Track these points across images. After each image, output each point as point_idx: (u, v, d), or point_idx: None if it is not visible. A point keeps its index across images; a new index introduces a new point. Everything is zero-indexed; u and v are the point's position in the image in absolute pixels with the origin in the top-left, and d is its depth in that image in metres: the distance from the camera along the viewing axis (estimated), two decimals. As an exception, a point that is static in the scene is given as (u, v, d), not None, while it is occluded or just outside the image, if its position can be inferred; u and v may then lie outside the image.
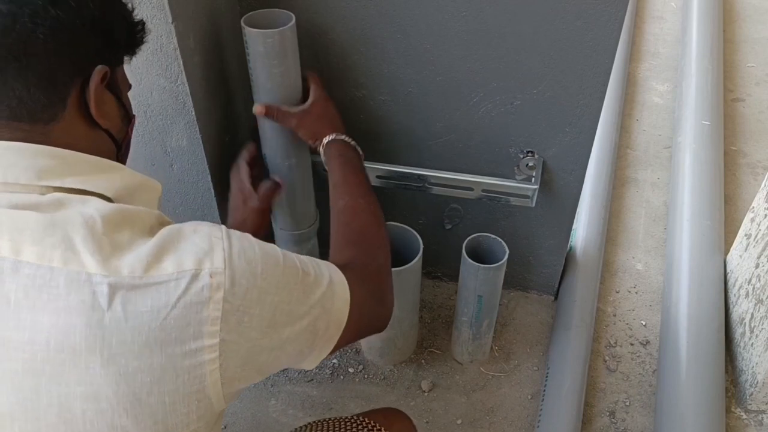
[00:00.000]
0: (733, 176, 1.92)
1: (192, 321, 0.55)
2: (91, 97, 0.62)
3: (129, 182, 0.64)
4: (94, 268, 0.53)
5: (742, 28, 2.64)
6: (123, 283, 0.54)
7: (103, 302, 0.53)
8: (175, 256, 0.57)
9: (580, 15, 1.02)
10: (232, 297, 0.57)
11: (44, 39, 0.57)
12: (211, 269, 0.57)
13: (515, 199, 1.25)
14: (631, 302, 1.55)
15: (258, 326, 0.60)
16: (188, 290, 0.55)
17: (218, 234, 0.60)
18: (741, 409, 1.32)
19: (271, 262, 0.62)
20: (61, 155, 0.59)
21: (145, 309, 0.54)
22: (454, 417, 1.31)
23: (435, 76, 1.16)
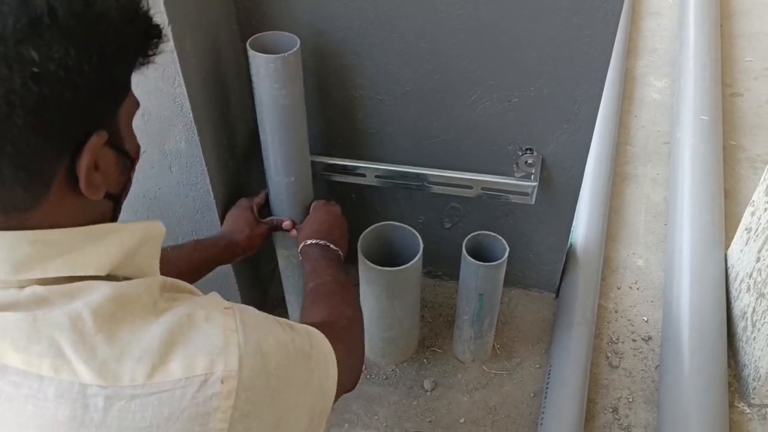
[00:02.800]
0: (732, 171, 1.92)
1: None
2: (82, 176, 0.50)
3: (127, 245, 0.55)
4: (89, 378, 0.47)
5: (740, 22, 2.64)
6: (122, 393, 0.47)
7: (96, 417, 0.47)
8: (184, 355, 0.50)
9: (576, 11, 1.02)
10: (243, 403, 0.51)
11: (23, 124, 0.45)
12: (223, 373, 0.50)
13: (514, 197, 1.25)
14: (633, 298, 1.55)
15: (266, 428, 0.54)
16: (194, 399, 0.49)
17: (232, 325, 0.53)
18: (744, 403, 1.32)
19: (282, 353, 0.56)
20: (41, 238, 0.49)
21: (144, 423, 0.48)
22: (457, 416, 1.31)
23: (432, 75, 1.16)
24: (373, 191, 1.36)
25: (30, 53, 0.44)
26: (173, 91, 1.02)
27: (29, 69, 0.44)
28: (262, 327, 0.56)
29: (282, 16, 1.13)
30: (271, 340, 0.56)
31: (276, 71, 1.03)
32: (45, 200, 0.50)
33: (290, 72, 1.05)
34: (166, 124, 1.08)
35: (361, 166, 1.26)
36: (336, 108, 1.23)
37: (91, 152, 0.50)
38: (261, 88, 1.06)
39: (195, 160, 1.13)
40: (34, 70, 0.44)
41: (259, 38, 1.06)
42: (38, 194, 0.49)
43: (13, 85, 0.44)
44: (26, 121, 0.45)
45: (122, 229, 0.55)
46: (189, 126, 1.07)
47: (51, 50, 0.45)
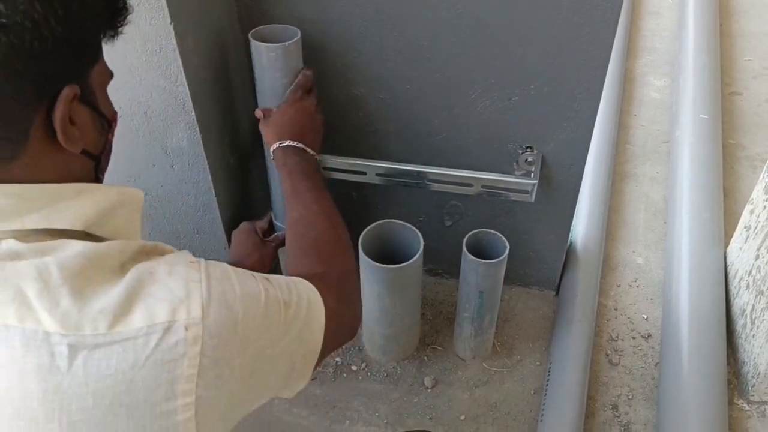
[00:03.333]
0: (731, 169, 1.92)
1: (163, 381, 0.50)
2: (58, 126, 0.53)
3: (102, 204, 0.57)
4: (51, 326, 0.48)
5: (739, 22, 2.64)
6: (85, 342, 0.48)
7: (62, 365, 0.48)
8: (145, 306, 0.51)
9: (576, 10, 1.02)
10: (210, 350, 0.52)
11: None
12: (186, 320, 0.51)
13: (515, 195, 1.25)
14: (632, 296, 1.55)
15: (239, 377, 0.56)
16: (159, 347, 0.50)
17: (196, 276, 0.55)
18: (743, 400, 1.33)
19: (252, 304, 0.57)
20: (18, 192, 0.52)
21: (110, 371, 0.48)
22: (458, 413, 1.31)
23: (432, 73, 1.16)
24: (374, 189, 1.37)
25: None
26: (175, 89, 1.03)
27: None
28: (230, 279, 0.57)
29: (283, 14, 1.13)
30: (238, 290, 0.57)
31: (277, 60, 1.05)
32: (24, 152, 0.52)
33: (291, 61, 1.07)
34: (168, 122, 1.08)
35: (362, 164, 1.27)
36: (336, 106, 1.23)
37: (65, 103, 0.53)
38: (263, 79, 1.08)
39: (197, 158, 1.13)
40: (2, 21, 0.47)
41: (261, 30, 1.08)
42: (17, 144, 0.52)
43: None
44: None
45: (98, 189, 0.57)
46: (191, 124, 1.08)
47: (16, 2, 0.48)
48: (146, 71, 1.01)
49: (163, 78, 1.02)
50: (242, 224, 1.19)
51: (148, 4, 0.93)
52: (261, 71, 1.08)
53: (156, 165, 1.16)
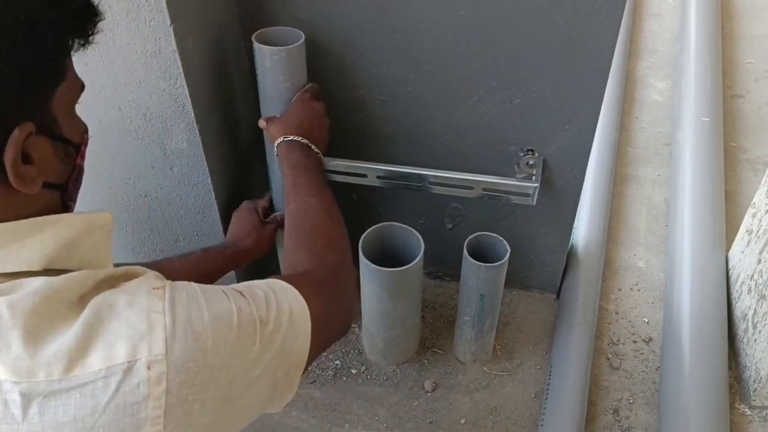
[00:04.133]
0: (733, 172, 1.92)
1: (126, 426, 0.47)
2: (8, 169, 0.48)
3: (65, 237, 0.52)
4: (2, 373, 0.45)
5: (741, 24, 2.64)
6: (38, 389, 0.45)
7: (17, 413, 0.45)
8: (104, 345, 0.47)
9: (578, 12, 1.02)
10: (177, 388, 0.49)
11: None
12: (148, 358, 0.48)
13: (516, 198, 1.25)
14: (633, 300, 1.55)
15: (212, 410, 0.52)
16: (120, 390, 0.47)
17: (159, 305, 0.50)
18: (745, 405, 1.32)
19: (223, 327, 0.53)
20: None
21: (68, 418, 0.46)
22: (458, 417, 1.31)
23: (434, 76, 1.16)
24: (374, 192, 1.36)
25: None
26: (175, 91, 1.03)
27: None
28: (197, 304, 0.53)
29: (284, 16, 1.13)
30: (206, 316, 0.52)
31: (280, 63, 1.05)
32: None
33: (295, 64, 1.07)
34: (167, 123, 1.08)
35: (362, 167, 1.26)
36: (337, 108, 1.23)
37: (15, 146, 0.48)
38: (265, 82, 1.08)
39: (196, 160, 1.13)
40: None
41: (264, 33, 1.07)
42: None
43: None
44: None
45: (59, 221, 0.53)
46: (191, 126, 1.07)
47: None
48: (146, 73, 1.01)
49: (163, 80, 1.01)
50: (243, 203, 1.19)
51: (147, 5, 0.92)
52: (264, 74, 1.07)
53: (155, 167, 1.16)
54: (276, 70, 1.05)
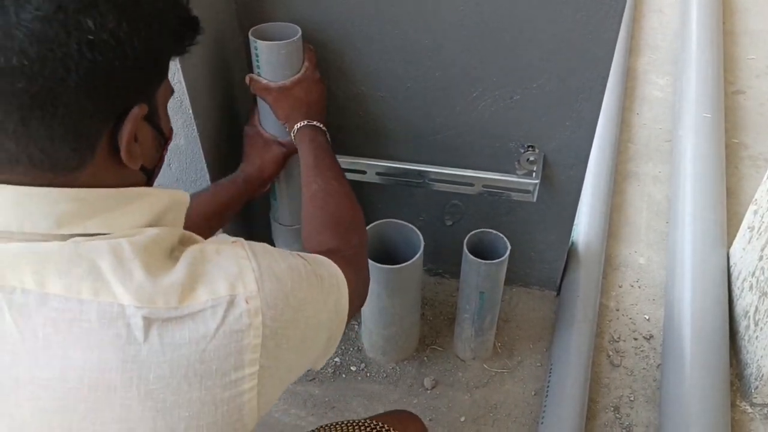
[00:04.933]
0: (734, 169, 1.91)
1: (233, 351, 0.53)
2: (123, 144, 0.55)
3: (157, 208, 0.59)
4: (126, 299, 0.50)
5: (742, 20, 2.63)
6: (159, 315, 0.51)
7: (139, 335, 0.50)
8: (206, 283, 0.54)
9: (579, 8, 1.01)
10: (270, 321, 0.55)
11: (76, 86, 0.49)
12: (245, 294, 0.54)
13: (516, 194, 1.24)
14: (634, 297, 1.54)
15: (294, 346, 0.58)
16: (226, 318, 0.53)
17: (243, 253, 0.57)
18: (746, 402, 1.32)
19: (296, 276, 0.60)
20: (82, 196, 0.53)
21: (184, 341, 0.51)
22: (458, 414, 1.30)
23: (434, 72, 1.15)
24: (374, 188, 1.36)
25: (87, 22, 0.49)
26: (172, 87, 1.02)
27: (85, 36, 0.49)
28: (272, 254, 0.60)
29: (282, 11, 1.12)
30: (282, 265, 0.59)
31: (279, 58, 1.03)
32: (90, 163, 0.54)
33: (292, 59, 1.05)
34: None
35: (362, 163, 1.26)
36: (337, 105, 1.22)
37: (133, 122, 0.55)
38: (264, 75, 1.06)
39: (195, 156, 1.12)
40: (89, 38, 0.49)
41: (261, 28, 1.06)
42: (84, 156, 0.53)
43: (69, 50, 0.48)
44: (78, 84, 0.49)
45: (152, 194, 0.59)
46: (188, 122, 1.07)
47: (105, 21, 0.50)
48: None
49: (161, 75, 1.00)
50: (245, 129, 1.16)
51: (144, 0, 0.91)
52: (261, 69, 1.06)
53: (153, 163, 1.15)
54: (274, 65, 1.04)
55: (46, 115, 0.49)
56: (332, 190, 0.93)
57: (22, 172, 0.51)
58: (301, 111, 1.05)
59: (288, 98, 1.05)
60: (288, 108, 1.05)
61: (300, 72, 1.06)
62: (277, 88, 1.04)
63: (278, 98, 1.05)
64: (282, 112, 1.06)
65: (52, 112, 0.49)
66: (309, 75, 1.06)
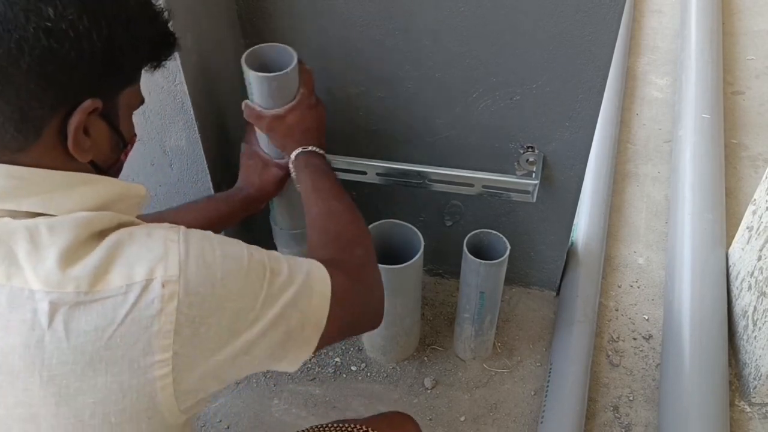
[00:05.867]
0: (734, 169, 1.91)
1: (141, 337, 0.52)
2: (70, 133, 0.55)
3: (103, 196, 0.59)
4: (36, 284, 0.51)
5: (742, 20, 2.63)
6: (66, 300, 0.51)
7: (43, 321, 0.50)
8: (124, 266, 0.53)
9: (578, 8, 1.02)
10: (186, 307, 0.54)
11: (28, 69, 0.51)
12: (163, 277, 0.53)
13: (516, 195, 1.25)
14: (634, 297, 1.55)
15: (216, 337, 0.57)
16: (137, 304, 0.52)
17: (174, 236, 0.56)
18: (745, 402, 1.32)
19: (233, 266, 0.58)
20: (21, 174, 0.54)
21: (89, 328, 0.51)
22: (458, 414, 1.31)
23: (434, 73, 1.15)
24: (374, 189, 1.36)
25: (47, 9, 0.50)
26: (174, 88, 1.02)
27: (43, 23, 0.50)
28: (209, 241, 0.59)
29: (283, 12, 1.12)
30: (218, 252, 0.58)
31: (273, 89, 0.99)
32: (34, 146, 0.55)
33: (287, 88, 1.01)
34: (166, 121, 1.08)
35: (362, 164, 1.26)
36: (336, 105, 1.22)
37: (81, 114, 0.55)
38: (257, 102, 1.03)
39: (196, 157, 1.13)
40: (47, 25, 0.50)
41: (255, 51, 1.02)
42: (28, 138, 0.54)
43: (26, 33, 0.50)
44: (30, 68, 0.51)
45: (101, 181, 0.59)
46: (190, 123, 1.07)
47: (66, 11, 0.51)
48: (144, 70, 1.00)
49: (162, 76, 1.01)
50: (243, 144, 1.13)
51: (146, 2, 0.92)
52: (253, 96, 1.02)
53: (154, 164, 1.15)
54: (265, 95, 1.00)
55: None
56: (332, 210, 0.91)
57: None
58: (294, 138, 1.02)
59: (281, 127, 1.02)
60: (282, 137, 1.03)
61: (295, 99, 1.01)
62: (270, 116, 1.01)
63: (272, 127, 1.02)
64: (276, 140, 1.04)
65: (1, 89, 0.51)
66: (304, 102, 1.02)
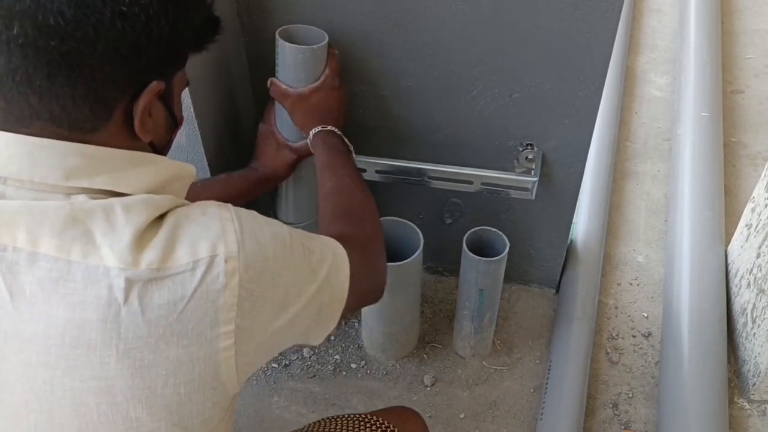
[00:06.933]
0: (732, 167, 1.92)
1: (209, 310, 0.55)
2: (137, 114, 0.59)
3: (163, 175, 0.62)
4: (112, 261, 0.53)
5: (741, 19, 2.63)
6: (140, 276, 0.53)
7: (119, 296, 0.52)
8: (188, 243, 0.56)
9: (577, 6, 1.02)
10: (247, 282, 0.57)
11: (103, 52, 0.53)
12: (225, 254, 0.56)
13: (515, 192, 1.25)
14: (633, 294, 1.55)
15: (270, 309, 0.60)
16: (204, 279, 0.55)
17: (227, 215, 0.59)
18: (744, 399, 1.32)
19: (279, 243, 0.62)
20: (93, 153, 0.57)
21: (162, 302, 0.53)
22: (457, 411, 1.31)
23: (433, 70, 1.16)
24: (374, 186, 1.36)
25: None
26: (174, 86, 1.02)
27: (119, 7, 0.53)
28: (257, 220, 0.62)
29: (283, 11, 1.13)
30: (266, 231, 0.61)
31: (303, 62, 1.04)
32: (104, 127, 0.57)
33: (315, 64, 1.06)
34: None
35: (362, 161, 1.26)
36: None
37: (149, 95, 0.58)
38: (286, 79, 1.07)
39: (196, 155, 1.13)
40: (123, 9, 0.53)
41: (288, 29, 1.07)
42: (100, 119, 0.57)
43: (103, 17, 0.52)
44: (106, 51, 0.53)
45: (161, 161, 0.63)
46: (190, 120, 1.07)
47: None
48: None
49: (162, 74, 1.01)
50: (261, 124, 1.17)
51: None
52: (284, 70, 1.07)
53: (155, 162, 1.15)
54: (298, 68, 1.05)
55: (71, 74, 0.53)
56: (344, 186, 0.95)
57: (39, 127, 0.55)
58: (315, 118, 1.07)
59: (304, 106, 1.08)
60: (303, 115, 1.08)
61: (320, 80, 1.07)
62: (295, 95, 1.07)
63: (295, 105, 1.08)
64: (298, 118, 1.09)
65: (77, 72, 0.53)
66: (328, 83, 1.08)
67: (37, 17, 0.51)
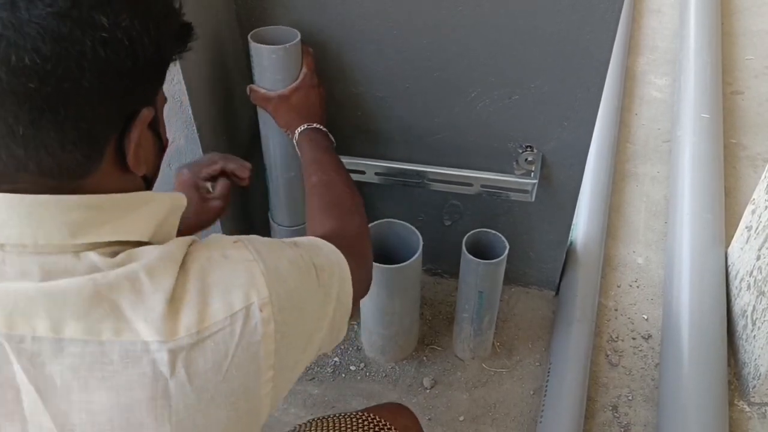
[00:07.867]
0: (732, 169, 1.91)
1: (252, 364, 0.53)
2: (130, 148, 0.53)
3: (162, 213, 0.58)
4: (149, 335, 0.49)
5: (740, 20, 2.63)
6: (182, 345, 0.50)
7: (165, 371, 0.49)
8: (220, 296, 0.53)
9: (576, 8, 1.02)
10: (281, 325, 0.55)
11: (89, 87, 0.48)
12: (259, 302, 0.54)
13: (514, 194, 1.25)
14: (633, 296, 1.55)
15: (300, 342, 0.59)
16: (243, 333, 0.53)
17: (249, 256, 0.56)
18: (744, 401, 1.32)
19: (296, 271, 0.59)
20: (95, 203, 0.52)
21: (207, 366, 0.51)
22: (457, 413, 1.31)
23: (432, 72, 1.15)
24: (373, 188, 1.36)
25: (101, 19, 0.47)
26: (172, 88, 1.02)
27: (99, 33, 0.47)
28: (274, 251, 0.59)
29: (281, 12, 1.13)
30: (285, 261, 0.58)
31: (278, 62, 1.05)
32: (97, 169, 0.52)
33: (291, 63, 1.07)
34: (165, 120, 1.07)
35: (361, 163, 1.26)
36: (335, 105, 1.22)
37: (142, 125, 0.53)
38: (263, 81, 1.08)
39: (194, 156, 1.13)
40: (103, 35, 0.47)
41: (260, 32, 1.07)
42: (92, 161, 0.52)
43: (84, 48, 0.46)
44: (92, 85, 0.48)
45: (155, 199, 0.58)
46: (188, 122, 1.07)
47: (118, 18, 0.48)
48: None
49: (160, 76, 1.01)
50: (182, 171, 0.98)
51: (144, 1, 0.92)
52: (261, 73, 1.07)
53: (153, 164, 1.15)
54: (274, 68, 1.06)
55: (57, 117, 0.47)
56: (331, 181, 0.94)
57: (28, 180, 0.49)
58: (298, 116, 1.07)
59: (286, 106, 1.08)
60: (286, 115, 1.08)
61: (299, 79, 1.08)
62: (276, 96, 1.07)
63: (277, 107, 1.08)
64: (281, 119, 1.09)
65: (63, 114, 0.47)
66: (307, 81, 1.08)
67: (10, 59, 0.44)
